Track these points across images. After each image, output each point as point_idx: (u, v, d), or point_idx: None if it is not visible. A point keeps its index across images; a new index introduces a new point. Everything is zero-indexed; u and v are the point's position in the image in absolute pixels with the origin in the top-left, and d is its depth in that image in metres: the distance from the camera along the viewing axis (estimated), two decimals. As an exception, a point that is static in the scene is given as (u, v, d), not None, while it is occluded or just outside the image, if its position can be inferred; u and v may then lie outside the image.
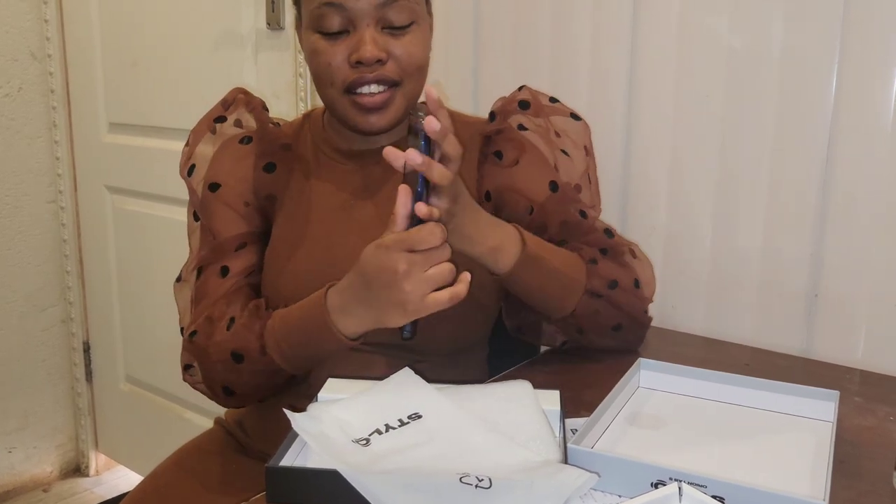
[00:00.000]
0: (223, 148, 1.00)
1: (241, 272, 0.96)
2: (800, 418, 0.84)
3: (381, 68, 0.89)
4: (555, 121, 1.01)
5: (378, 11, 0.87)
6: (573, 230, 0.98)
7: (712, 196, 1.16)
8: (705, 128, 1.15)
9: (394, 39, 0.89)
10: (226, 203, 0.98)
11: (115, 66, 2.00)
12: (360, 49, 0.87)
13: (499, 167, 0.99)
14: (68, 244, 2.21)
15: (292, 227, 0.98)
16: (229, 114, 1.02)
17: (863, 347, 1.07)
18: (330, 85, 0.90)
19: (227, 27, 1.72)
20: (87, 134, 2.13)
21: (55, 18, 2.08)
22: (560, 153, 1.01)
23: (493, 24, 1.33)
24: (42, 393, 2.24)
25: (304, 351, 0.86)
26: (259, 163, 0.99)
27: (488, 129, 1.00)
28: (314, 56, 0.91)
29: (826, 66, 1.04)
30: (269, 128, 1.01)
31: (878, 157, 1.02)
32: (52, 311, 2.23)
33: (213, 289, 0.95)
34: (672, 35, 1.16)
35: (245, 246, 0.98)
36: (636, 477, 0.68)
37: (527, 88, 1.03)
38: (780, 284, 1.12)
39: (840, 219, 1.06)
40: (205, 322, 0.92)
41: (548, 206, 0.98)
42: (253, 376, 0.90)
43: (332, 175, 0.99)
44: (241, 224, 0.98)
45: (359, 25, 0.88)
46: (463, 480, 0.63)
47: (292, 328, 0.86)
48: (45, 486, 2.26)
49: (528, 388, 0.79)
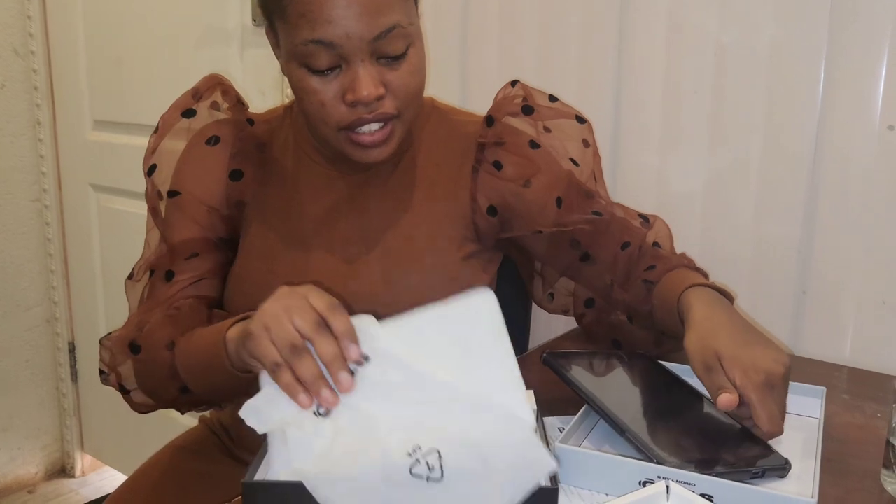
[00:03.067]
0: (188, 151, 0.94)
1: (188, 280, 0.92)
2: (787, 415, 0.84)
3: (380, 105, 0.81)
4: (559, 124, 0.97)
5: (372, 45, 0.79)
6: (596, 229, 0.95)
7: (700, 193, 1.16)
8: (693, 124, 1.14)
9: (390, 70, 0.81)
10: (183, 209, 0.93)
11: (100, 62, 1.98)
12: (356, 89, 0.79)
13: (499, 179, 0.93)
14: (53, 243, 2.19)
15: (266, 236, 0.93)
16: (199, 105, 0.95)
17: (850, 345, 1.07)
18: (324, 124, 0.83)
19: (213, 23, 1.71)
20: (72, 131, 2.11)
21: (38, 15, 2.06)
22: (570, 162, 0.97)
23: (481, 18, 1.33)
24: (27, 393, 2.22)
25: (200, 369, 0.80)
26: (227, 167, 0.93)
27: (486, 137, 0.94)
28: (303, 94, 0.82)
29: (814, 62, 1.04)
30: (241, 126, 0.95)
31: (866, 154, 1.02)
32: (37, 311, 2.21)
33: (157, 293, 0.92)
34: (661, 31, 1.15)
35: (197, 255, 0.93)
36: (624, 475, 0.68)
37: (521, 85, 0.98)
38: (767, 282, 1.12)
39: (828, 216, 1.06)
40: (132, 325, 0.90)
41: (562, 221, 0.94)
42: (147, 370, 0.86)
43: (314, 180, 0.93)
44: (197, 230, 0.92)
45: (352, 61, 0.79)
46: (413, 472, 0.61)
47: (198, 335, 0.81)
48: (30, 487, 2.24)
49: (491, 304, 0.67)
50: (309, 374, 0.63)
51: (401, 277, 0.90)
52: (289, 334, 0.64)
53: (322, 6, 0.77)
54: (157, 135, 0.96)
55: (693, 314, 0.81)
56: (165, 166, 0.95)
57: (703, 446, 0.72)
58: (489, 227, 0.95)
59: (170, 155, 0.95)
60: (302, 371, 0.63)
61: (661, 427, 0.75)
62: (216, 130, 0.94)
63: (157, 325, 0.87)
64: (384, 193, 0.92)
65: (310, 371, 0.63)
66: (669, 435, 0.73)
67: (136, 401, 0.91)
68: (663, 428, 0.75)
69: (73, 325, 2.24)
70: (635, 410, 0.78)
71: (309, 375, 0.63)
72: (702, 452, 0.71)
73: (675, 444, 0.71)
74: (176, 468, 1.00)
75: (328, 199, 0.92)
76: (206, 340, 0.79)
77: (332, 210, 0.92)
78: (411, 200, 0.92)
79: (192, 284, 0.92)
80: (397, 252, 0.91)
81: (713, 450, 0.71)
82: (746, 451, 0.72)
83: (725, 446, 0.72)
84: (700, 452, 0.71)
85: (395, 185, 0.93)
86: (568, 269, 0.99)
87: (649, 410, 0.80)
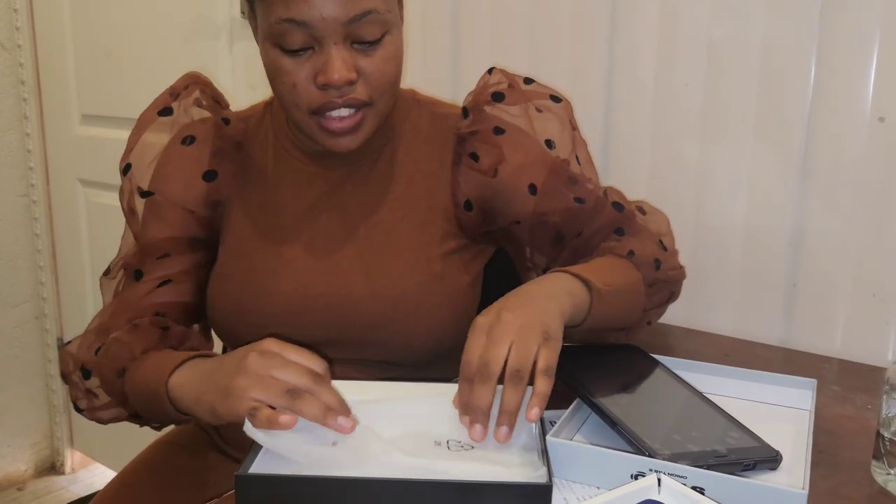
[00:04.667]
0: (165, 153, 0.94)
1: (156, 280, 0.91)
2: (778, 407, 0.84)
3: (351, 90, 0.80)
4: (535, 105, 0.94)
5: (346, 28, 0.78)
6: (578, 218, 0.93)
7: (692, 186, 1.16)
8: (685, 117, 1.14)
9: (364, 56, 0.80)
10: (156, 210, 0.92)
11: (87, 56, 1.97)
12: (327, 71, 0.78)
13: (476, 171, 0.92)
14: (41, 238, 2.17)
15: (247, 234, 0.92)
16: (177, 105, 0.95)
17: (841, 337, 1.07)
18: (295, 106, 0.82)
19: (202, 17, 1.69)
20: (59, 126, 2.09)
21: (25, 8, 2.04)
22: (545, 144, 0.94)
23: (472, 10, 1.32)
24: (16, 390, 2.20)
25: (147, 406, 0.82)
26: (203, 167, 0.92)
27: (462, 129, 0.93)
28: (276, 74, 0.82)
29: (805, 55, 1.04)
30: (218, 125, 0.94)
31: (856, 147, 1.02)
32: (25, 308, 2.19)
33: (125, 294, 0.92)
34: (653, 23, 1.15)
35: (169, 256, 0.92)
36: (616, 469, 0.68)
37: (498, 71, 0.95)
38: (759, 275, 1.12)
39: (818, 209, 1.06)
40: (89, 331, 0.91)
41: (541, 209, 0.92)
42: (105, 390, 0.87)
43: (294, 177, 0.92)
44: (170, 230, 0.92)
45: (325, 43, 0.79)
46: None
47: (144, 373, 0.81)
48: (19, 484, 2.23)
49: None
50: (317, 408, 0.66)
51: (381, 274, 0.89)
52: (281, 384, 0.67)
53: None
54: (134, 133, 0.95)
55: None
56: (142, 161, 0.94)
57: (694, 439, 0.72)
58: (470, 221, 0.93)
59: (147, 148, 0.94)
60: (308, 408, 0.66)
61: (653, 420, 0.75)
62: (191, 130, 0.94)
63: (111, 346, 0.86)
64: (365, 189, 0.92)
65: (317, 406, 0.66)
66: (661, 428, 0.73)
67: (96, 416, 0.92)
68: (655, 421, 0.75)
69: (62, 321, 2.23)
70: (626, 404, 0.78)
71: (318, 410, 0.66)
72: (693, 445, 0.71)
73: (667, 437, 0.71)
74: (166, 464, 0.99)
75: (309, 195, 0.92)
76: (148, 382, 0.79)
77: (313, 206, 0.91)
78: (392, 196, 0.92)
79: (161, 287, 0.91)
80: (378, 248, 0.90)
81: (704, 442, 0.71)
82: (738, 443, 0.72)
83: (717, 439, 0.72)
84: (691, 445, 0.71)
85: (375, 181, 0.92)
86: (556, 259, 0.98)
87: (640, 403, 0.80)
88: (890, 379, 0.70)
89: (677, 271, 0.97)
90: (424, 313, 0.88)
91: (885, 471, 0.70)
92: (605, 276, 0.83)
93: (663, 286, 0.93)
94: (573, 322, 0.80)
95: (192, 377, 0.76)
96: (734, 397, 0.85)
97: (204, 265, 0.95)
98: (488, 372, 0.68)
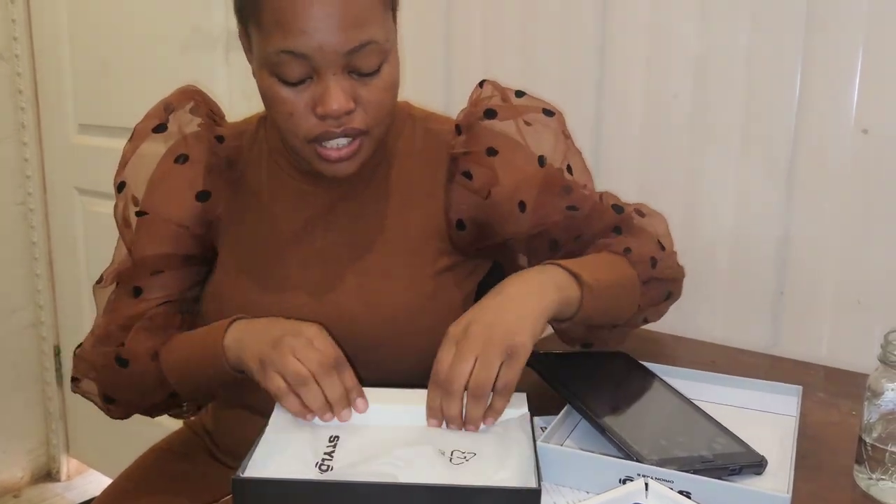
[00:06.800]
0: (159, 171, 0.94)
1: (157, 300, 0.92)
2: (764, 413, 0.86)
3: (349, 119, 0.80)
4: (529, 119, 0.94)
5: (345, 58, 0.78)
6: (574, 225, 0.93)
7: (679, 196, 1.17)
8: (674, 128, 1.16)
9: (362, 85, 0.80)
10: (150, 228, 0.92)
11: (85, 66, 1.98)
12: (326, 101, 0.78)
13: (469, 191, 0.92)
14: (38, 247, 2.18)
15: (241, 253, 0.92)
16: (171, 119, 0.95)
17: (826, 344, 1.08)
18: (293, 134, 0.82)
19: (198, 27, 1.71)
20: (57, 135, 2.10)
21: (23, 18, 2.05)
22: (538, 160, 0.93)
23: (464, 22, 1.34)
24: (12, 397, 2.20)
25: (192, 374, 0.85)
26: (196, 186, 0.92)
27: (455, 149, 0.92)
28: (272, 103, 0.82)
29: (790, 67, 1.06)
30: (211, 143, 0.93)
31: (841, 158, 1.04)
32: (22, 315, 2.20)
33: (124, 308, 0.92)
34: (641, 37, 1.17)
35: (162, 272, 0.93)
36: (604, 473, 0.69)
37: (489, 84, 0.95)
38: (745, 282, 1.14)
39: (804, 218, 1.08)
40: (98, 337, 0.92)
41: (535, 224, 0.92)
42: (134, 382, 0.89)
43: (288, 195, 0.92)
44: (163, 248, 0.92)
45: (323, 73, 0.78)
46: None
47: (187, 341, 0.86)
48: (15, 491, 2.23)
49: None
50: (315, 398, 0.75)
51: (374, 293, 0.89)
52: (296, 367, 0.74)
53: (297, 16, 0.76)
54: (129, 146, 0.95)
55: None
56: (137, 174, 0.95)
57: (681, 444, 0.73)
58: (462, 240, 0.93)
59: (142, 160, 0.94)
60: (309, 396, 0.74)
61: (641, 426, 0.77)
62: (185, 148, 0.93)
63: (136, 338, 0.89)
64: (359, 208, 0.92)
65: (325, 396, 0.75)
66: (649, 433, 0.75)
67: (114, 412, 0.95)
68: (643, 427, 0.76)
69: (58, 328, 2.23)
70: (615, 410, 0.79)
71: (316, 400, 0.75)
72: (680, 450, 0.72)
73: (654, 443, 0.73)
74: (161, 470, 1.00)
75: (303, 213, 0.92)
76: (199, 347, 0.84)
77: (308, 225, 0.91)
78: (386, 215, 0.92)
79: (162, 306, 0.93)
80: (372, 267, 0.90)
81: (691, 447, 0.73)
82: (724, 448, 0.73)
83: (703, 444, 0.74)
84: (678, 450, 0.72)
85: (369, 200, 0.92)
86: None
87: (629, 409, 0.82)
88: (871, 385, 0.72)
89: (675, 270, 0.99)
90: (417, 333, 0.88)
91: (867, 475, 0.71)
92: (597, 271, 0.84)
93: (659, 284, 0.94)
94: (563, 315, 0.81)
95: (246, 333, 0.82)
96: (721, 403, 0.87)
97: (200, 281, 0.96)
98: (452, 389, 0.73)
